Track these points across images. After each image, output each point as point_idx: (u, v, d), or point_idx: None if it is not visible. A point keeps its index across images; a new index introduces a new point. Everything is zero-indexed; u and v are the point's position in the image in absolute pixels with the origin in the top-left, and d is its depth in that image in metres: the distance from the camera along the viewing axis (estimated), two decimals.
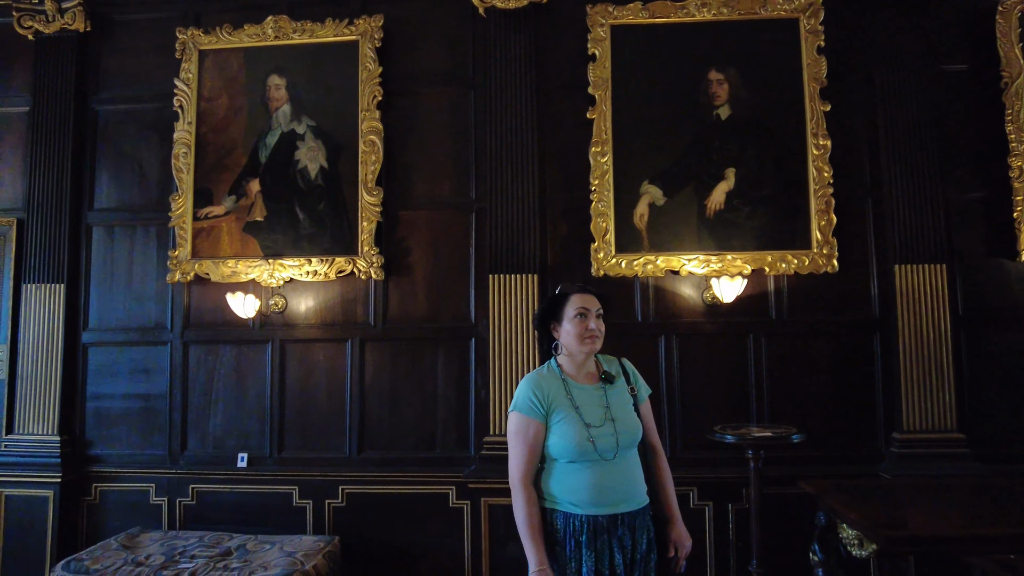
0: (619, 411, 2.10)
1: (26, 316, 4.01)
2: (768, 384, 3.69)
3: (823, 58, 3.76)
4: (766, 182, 3.74)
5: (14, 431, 3.96)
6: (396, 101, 4.02)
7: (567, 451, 2.02)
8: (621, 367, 2.26)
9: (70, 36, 4.13)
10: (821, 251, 3.67)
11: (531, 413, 2.07)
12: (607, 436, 2.03)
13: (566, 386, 2.12)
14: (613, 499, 2.01)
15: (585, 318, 2.12)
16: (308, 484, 3.83)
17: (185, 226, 3.99)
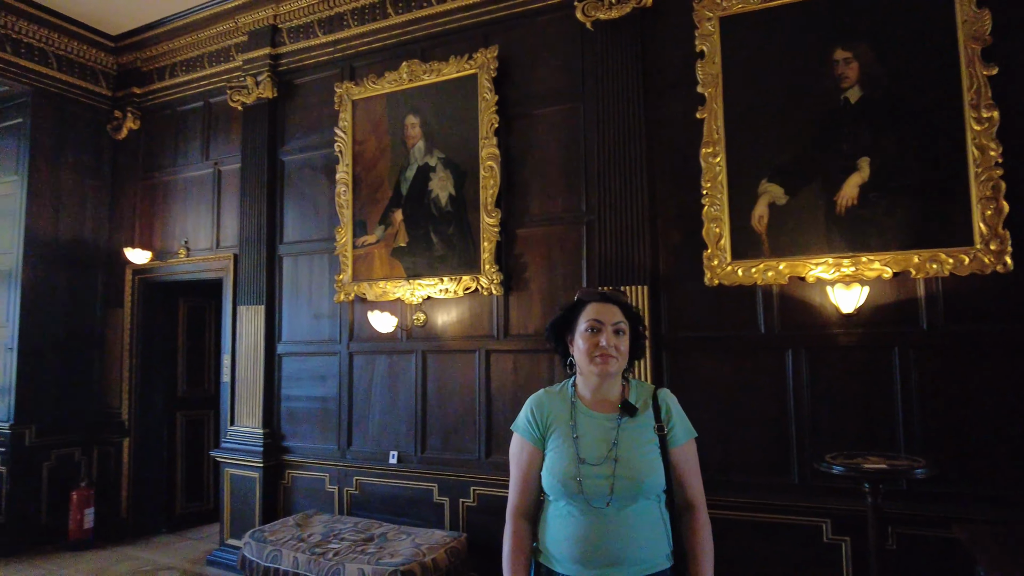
0: (629, 451, 1.71)
1: (239, 332, 5.01)
2: (919, 406, 3.15)
3: (985, 11, 3.11)
4: (909, 170, 3.21)
5: (235, 424, 4.97)
6: (512, 125, 4.23)
7: (551, 487, 1.73)
8: (654, 399, 1.83)
9: (263, 103, 5.06)
10: (987, 247, 3.04)
11: (526, 435, 1.82)
12: (600, 478, 1.66)
13: (573, 410, 1.80)
14: (602, 559, 1.63)
15: (597, 332, 1.77)
16: (445, 483, 4.21)
17: (347, 253, 4.64)
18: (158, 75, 5.78)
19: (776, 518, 3.34)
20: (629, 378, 1.88)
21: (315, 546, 3.79)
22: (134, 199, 5.83)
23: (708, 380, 3.59)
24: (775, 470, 3.40)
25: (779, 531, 3.33)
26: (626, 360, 1.81)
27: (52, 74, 5.51)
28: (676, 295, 3.70)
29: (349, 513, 4.50)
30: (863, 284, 3.16)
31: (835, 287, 3.18)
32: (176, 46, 5.60)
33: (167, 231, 5.66)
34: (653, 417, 1.79)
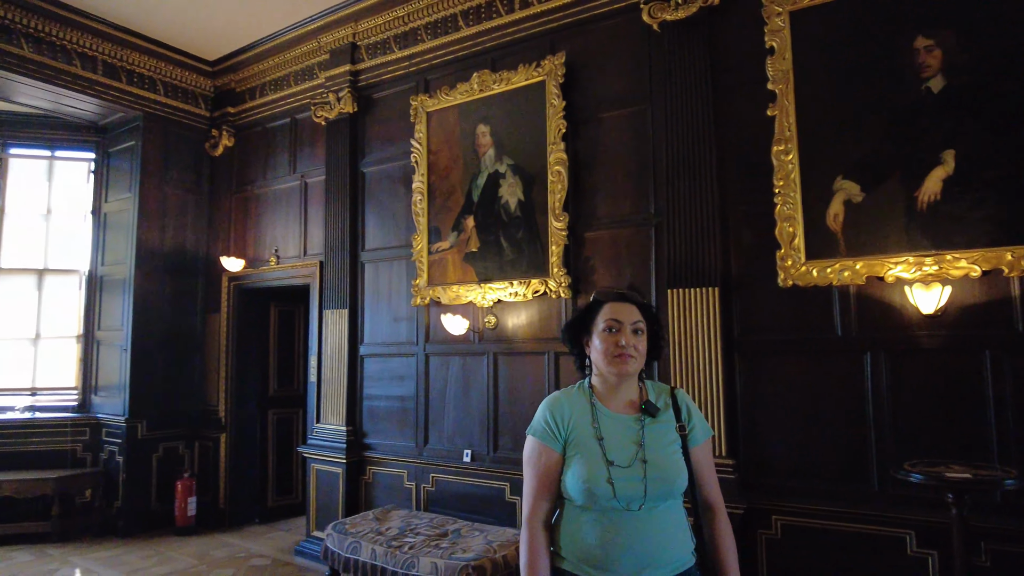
0: (657, 452, 1.71)
1: (325, 335, 5.30)
2: (1014, 414, 2.95)
3: None
4: (998, 161, 3.02)
5: (320, 422, 5.26)
6: (579, 129, 4.27)
7: (579, 492, 1.68)
8: (672, 399, 1.83)
9: (344, 118, 5.34)
10: None
11: (545, 439, 1.77)
12: (633, 481, 1.65)
13: (594, 412, 1.78)
14: (635, 563, 1.62)
15: (616, 332, 1.76)
16: (516, 482, 4.28)
17: (422, 259, 4.83)
18: (250, 95, 6.20)
19: (856, 527, 3.21)
20: (644, 379, 1.87)
21: (392, 539, 3.96)
22: (229, 211, 6.28)
23: (783, 384, 3.50)
24: (854, 477, 3.27)
25: (859, 541, 3.20)
26: (644, 360, 1.81)
27: (159, 99, 6.03)
28: (748, 297, 3.63)
29: (426, 509, 4.66)
30: (945, 283, 3.00)
31: (914, 287, 3.03)
32: (265, 67, 6.00)
33: (259, 240, 6.06)
34: (674, 417, 1.79)
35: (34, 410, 5.98)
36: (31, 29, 5.18)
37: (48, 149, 6.43)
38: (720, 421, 3.54)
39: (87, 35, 5.46)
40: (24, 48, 5.16)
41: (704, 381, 3.60)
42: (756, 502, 3.44)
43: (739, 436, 3.58)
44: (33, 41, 5.21)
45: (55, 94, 5.54)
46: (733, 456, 3.53)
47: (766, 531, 3.44)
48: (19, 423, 5.81)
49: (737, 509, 3.33)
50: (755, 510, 3.44)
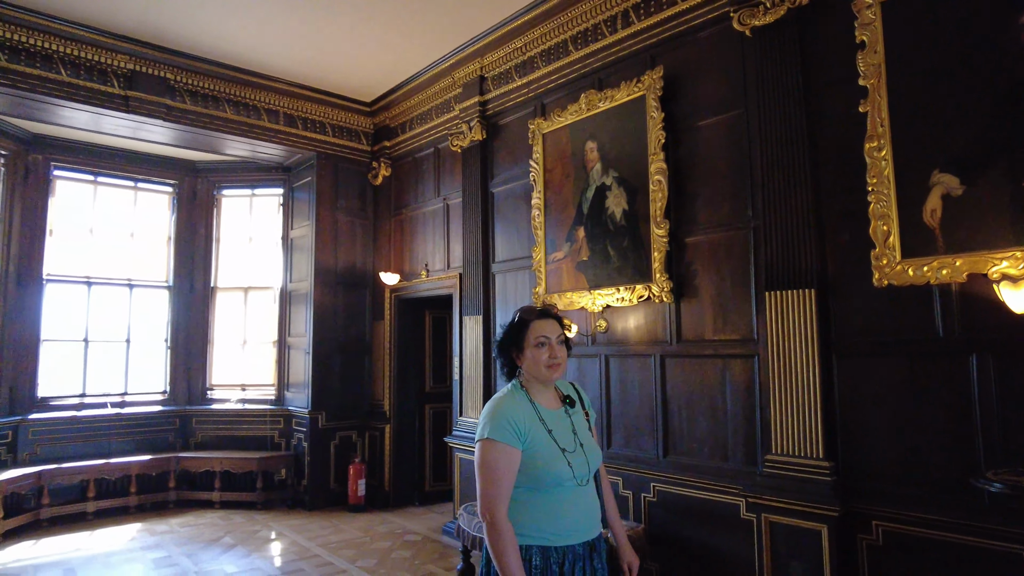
0: (584, 435, 2.12)
1: (464, 338, 5.94)
2: None
3: None
4: None
5: (462, 415, 5.90)
6: (679, 138, 4.43)
7: (546, 477, 1.95)
8: (576, 391, 2.27)
9: (475, 145, 5.95)
10: None
11: (509, 440, 1.96)
12: (580, 461, 2.01)
13: (537, 411, 2.07)
14: (588, 525, 2.02)
15: (547, 346, 2.08)
16: (628, 478, 4.54)
17: (541, 269, 5.26)
18: (401, 129, 7.08)
19: (964, 539, 3.05)
20: None
21: None
22: (388, 232, 7.21)
23: (882, 387, 3.41)
24: (959, 485, 3.11)
25: (968, 554, 3.04)
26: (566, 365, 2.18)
27: (329, 139, 7.12)
28: (845, 297, 3.58)
29: None
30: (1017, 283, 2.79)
31: (1001, 284, 2.84)
32: (412, 104, 6.82)
33: (412, 256, 6.90)
34: (580, 406, 2.23)
35: (244, 403, 7.37)
36: (232, 95, 6.45)
37: (249, 188, 7.87)
38: (818, 423, 3.54)
39: (271, 94, 6.66)
40: (227, 111, 6.44)
41: (801, 384, 3.61)
42: (855, 506, 3.39)
43: (837, 439, 3.55)
44: (233, 105, 6.48)
45: (251, 144, 6.81)
46: (831, 458, 3.50)
47: (866, 536, 3.37)
48: (234, 412, 7.22)
49: (832, 511, 3.33)
50: (855, 514, 3.40)
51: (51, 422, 6.60)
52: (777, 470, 3.65)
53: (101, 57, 5.66)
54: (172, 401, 7.45)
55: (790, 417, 3.64)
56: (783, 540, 3.56)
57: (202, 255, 7.77)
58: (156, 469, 6.80)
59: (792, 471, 3.59)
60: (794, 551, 3.52)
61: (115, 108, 5.79)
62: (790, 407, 3.64)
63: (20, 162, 6.67)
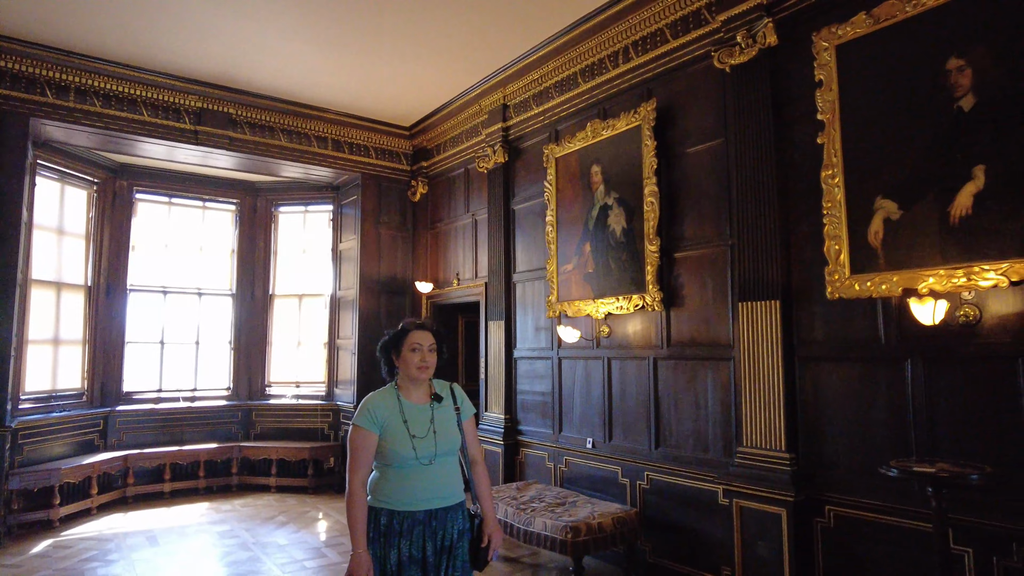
0: (441, 426, 2.56)
1: (488, 341, 6.58)
2: None
3: None
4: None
5: (487, 411, 6.53)
6: (671, 164, 4.94)
7: (395, 457, 2.46)
8: (451, 391, 2.72)
9: (499, 167, 6.59)
10: None
11: (369, 426, 2.49)
12: (428, 445, 2.49)
13: (400, 404, 2.56)
14: (429, 497, 2.48)
15: (418, 351, 2.56)
16: (626, 467, 5.08)
17: (553, 279, 5.84)
18: (436, 151, 7.79)
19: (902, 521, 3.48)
20: (432, 379, 2.70)
21: (522, 504, 5.03)
22: (425, 244, 7.93)
23: (836, 387, 3.86)
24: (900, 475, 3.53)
25: (905, 535, 3.47)
26: (435, 368, 2.65)
27: (372, 162, 7.89)
28: (805, 308, 4.03)
29: (560, 485, 5.65)
30: (937, 298, 3.21)
31: (910, 300, 3.27)
32: (445, 128, 7.51)
33: (446, 266, 7.59)
34: (452, 402, 2.69)
35: (297, 398, 8.22)
36: (286, 125, 7.29)
37: (303, 205, 8.74)
38: (781, 419, 4.00)
39: (320, 123, 7.47)
40: (282, 139, 7.29)
41: (767, 385, 4.09)
42: (812, 494, 3.86)
43: (798, 434, 4.00)
44: (287, 133, 7.32)
45: (303, 168, 7.64)
46: (792, 451, 3.97)
47: (821, 519, 3.83)
48: (289, 407, 8.08)
49: (790, 497, 3.80)
50: (811, 500, 3.86)
51: (134, 413, 7.59)
52: (747, 461, 4.14)
53: (174, 98, 6.57)
54: (235, 396, 8.37)
55: (758, 414, 4.12)
56: (751, 523, 4.04)
57: (261, 266, 8.68)
58: (221, 456, 7.71)
59: (759, 462, 4.07)
60: (760, 532, 3.99)
61: (186, 141, 6.70)
62: (758, 405, 4.12)
63: (109, 189, 7.71)
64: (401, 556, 2.45)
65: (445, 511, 2.53)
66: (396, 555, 2.46)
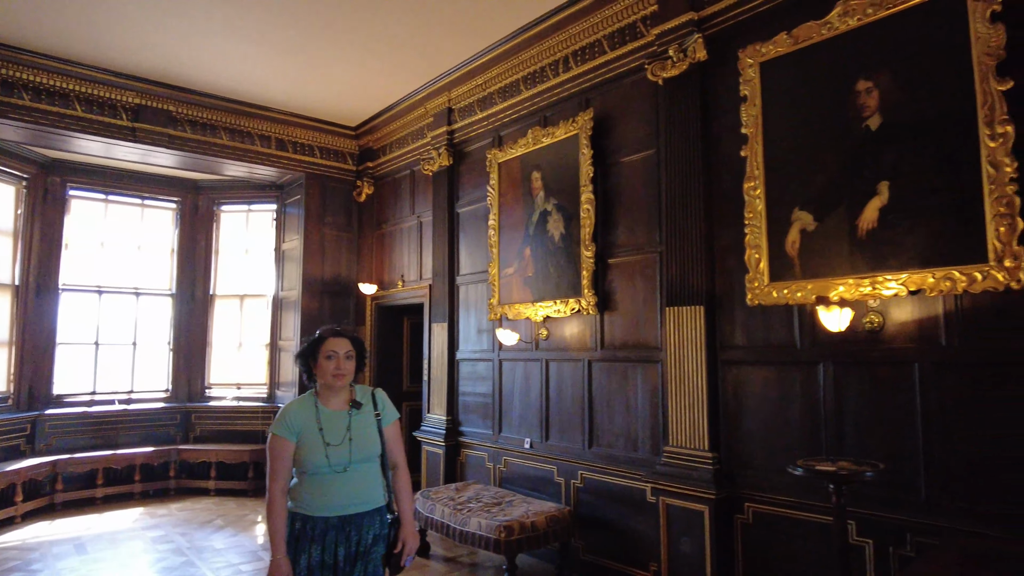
0: (359, 432, 2.57)
1: (432, 343, 6.63)
2: (939, 422, 3.28)
3: (999, 26, 3.15)
4: (926, 190, 3.36)
5: (429, 412, 6.58)
6: (606, 172, 5.08)
7: (309, 464, 2.48)
8: (372, 397, 2.71)
9: (444, 170, 6.64)
10: (1001, 263, 3.09)
11: (285, 434, 2.51)
12: (342, 452, 2.50)
13: (317, 411, 2.57)
14: (343, 503, 2.50)
15: (333, 359, 2.56)
16: (561, 466, 5.20)
17: (495, 282, 5.93)
18: (382, 152, 7.79)
19: (812, 516, 3.68)
20: (353, 385, 2.72)
21: (459, 504, 5.09)
22: (370, 245, 7.92)
23: (757, 390, 4.05)
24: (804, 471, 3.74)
25: (815, 529, 3.67)
26: (353, 375, 2.66)
27: (317, 161, 7.84)
28: (728, 314, 4.21)
29: (500, 485, 5.74)
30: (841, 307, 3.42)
31: (818, 307, 3.48)
32: (391, 129, 7.52)
33: (391, 267, 7.60)
34: (373, 408, 2.69)
35: (239, 400, 8.11)
36: (228, 124, 7.19)
37: (246, 204, 8.61)
38: (704, 420, 4.18)
39: (264, 121, 7.39)
40: (224, 138, 7.18)
41: (692, 386, 4.25)
42: (733, 491, 4.04)
43: (720, 434, 4.18)
44: (229, 132, 7.22)
45: (247, 166, 7.54)
46: (715, 450, 4.14)
47: (741, 516, 4.02)
48: (230, 409, 7.96)
49: (709, 494, 3.98)
50: (733, 498, 4.04)
51: (64, 417, 7.35)
52: (673, 460, 4.30)
53: (111, 94, 6.41)
54: (174, 398, 8.20)
55: (683, 414, 4.28)
56: (676, 520, 4.20)
57: (202, 265, 8.52)
58: (158, 460, 7.54)
59: (684, 461, 4.23)
60: (685, 529, 4.16)
61: (124, 138, 6.54)
62: (683, 406, 4.28)
63: (39, 184, 7.45)
64: (312, 561, 2.49)
65: (360, 516, 2.55)
66: (307, 560, 2.49)
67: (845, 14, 3.71)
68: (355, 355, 2.67)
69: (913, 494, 3.32)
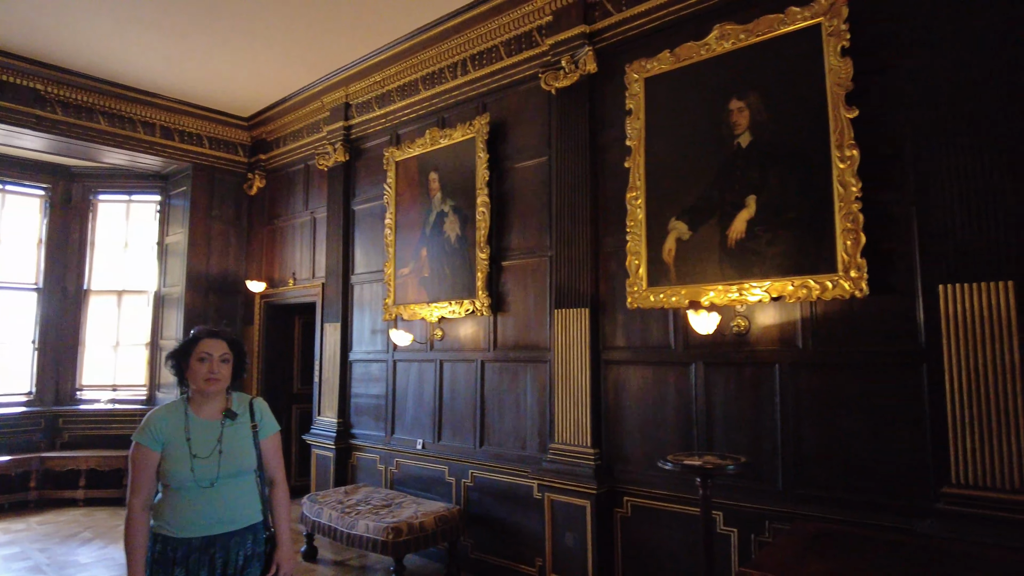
0: (231, 444, 2.36)
1: (324, 343, 6.47)
2: (794, 418, 3.58)
3: (848, 60, 3.47)
4: (789, 206, 3.65)
5: (320, 415, 6.42)
6: (501, 176, 5.17)
7: (171, 478, 2.27)
8: (251, 406, 2.50)
9: (340, 165, 6.50)
10: (848, 274, 3.41)
11: (149, 444, 2.29)
12: (210, 466, 2.29)
13: (187, 419, 2.36)
14: (208, 522, 2.29)
15: (206, 362, 2.36)
16: (452, 466, 5.23)
17: (391, 282, 5.88)
18: (276, 144, 7.53)
19: (684, 508, 3.91)
20: (231, 392, 2.53)
21: (347, 507, 5.01)
22: (261, 240, 7.63)
23: (636, 389, 4.25)
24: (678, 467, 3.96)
25: (687, 520, 3.90)
26: (229, 381, 2.46)
27: (205, 151, 7.47)
28: (611, 316, 4.40)
29: (391, 487, 5.70)
30: (710, 311, 3.69)
31: (689, 312, 3.72)
32: (286, 121, 7.29)
33: (282, 265, 7.36)
34: (250, 418, 2.48)
35: (114, 403, 7.58)
36: (107, 108, 6.71)
37: (126, 194, 8.07)
38: (587, 418, 4.34)
39: (148, 107, 6.96)
40: (102, 123, 6.71)
41: (577, 385, 4.41)
42: (613, 486, 4.22)
43: (602, 432, 4.36)
44: (108, 117, 6.75)
45: (129, 154, 7.07)
46: (596, 447, 4.31)
47: (620, 510, 4.20)
48: (104, 413, 7.43)
49: (591, 489, 4.13)
50: (613, 492, 4.22)
51: None
52: (558, 456, 4.43)
53: None
54: (38, 402, 7.55)
55: (568, 412, 4.43)
56: (560, 515, 4.33)
57: (75, 258, 7.90)
58: (16, 469, 6.91)
59: (568, 457, 4.37)
60: (568, 523, 4.30)
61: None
62: (568, 404, 4.43)
63: None
64: None
65: (228, 536, 2.34)
66: None
67: (722, 37, 3.97)
68: (232, 359, 2.47)
69: (772, 484, 3.61)
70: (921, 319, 3.25)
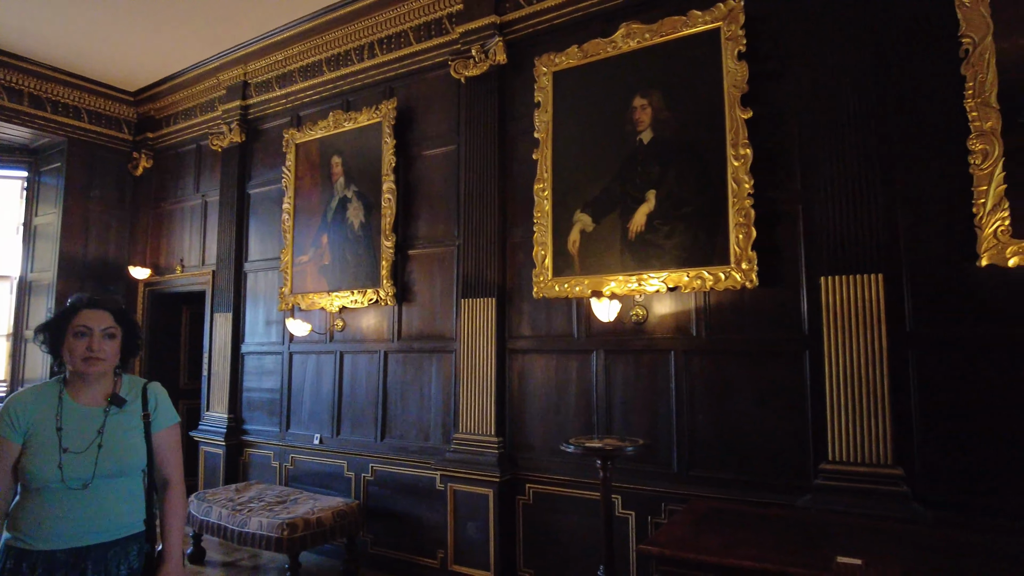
0: (114, 437, 1.97)
1: (214, 335, 6.11)
2: (688, 402, 3.74)
3: (744, 63, 3.67)
4: (687, 200, 3.81)
5: (209, 410, 6.06)
6: (409, 163, 5.08)
7: (32, 477, 1.87)
8: (143, 392, 2.09)
9: (235, 146, 6.16)
10: (739, 266, 3.60)
11: (7, 433, 1.90)
12: (84, 464, 1.89)
13: (60, 406, 1.96)
14: (77, 531, 1.88)
15: (86, 337, 1.95)
16: (352, 460, 5.08)
17: (288, 270, 5.63)
18: (165, 122, 7.03)
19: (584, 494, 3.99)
20: (121, 374, 2.11)
21: (239, 505, 4.75)
22: (147, 225, 7.11)
23: (540, 376, 4.29)
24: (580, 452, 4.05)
25: (587, 505, 3.97)
26: (116, 360, 2.05)
27: (84, 126, 6.85)
28: (516, 306, 4.43)
29: (287, 484, 5.45)
30: (612, 299, 3.81)
31: (592, 300, 3.82)
32: (178, 98, 6.82)
33: (169, 251, 6.88)
34: (141, 406, 2.06)
35: None
36: None
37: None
38: (491, 406, 4.34)
39: (15, 72, 6.30)
40: None
41: (482, 374, 4.40)
42: (516, 474, 4.24)
43: (506, 420, 4.37)
44: None
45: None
46: (500, 435, 4.32)
47: (522, 497, 4.23)
48: None
49: (494, 478, 4.13)
50: (516, 480, 4.24)
51: None
52: (462, 446, 4.40)
53: None
54: None
55: (473, 402, 4.41)
56: (463, 504, 4.31)
57: None
58: None
59: (472, 446, 4.35)
60: (470, 513, 4.28)
61: None
62: (474, 394, 4.41)
63: None
64: None
65: (103, 549, 1.92)
66: None
67: (628, 36, 4.09)
68: (120, 334, 2.04)
69: (667, 467, 3.75)
70: (805, 309, 3.48)
